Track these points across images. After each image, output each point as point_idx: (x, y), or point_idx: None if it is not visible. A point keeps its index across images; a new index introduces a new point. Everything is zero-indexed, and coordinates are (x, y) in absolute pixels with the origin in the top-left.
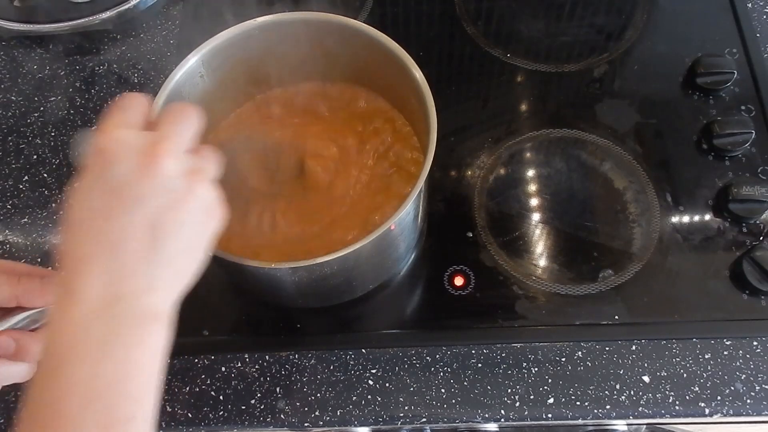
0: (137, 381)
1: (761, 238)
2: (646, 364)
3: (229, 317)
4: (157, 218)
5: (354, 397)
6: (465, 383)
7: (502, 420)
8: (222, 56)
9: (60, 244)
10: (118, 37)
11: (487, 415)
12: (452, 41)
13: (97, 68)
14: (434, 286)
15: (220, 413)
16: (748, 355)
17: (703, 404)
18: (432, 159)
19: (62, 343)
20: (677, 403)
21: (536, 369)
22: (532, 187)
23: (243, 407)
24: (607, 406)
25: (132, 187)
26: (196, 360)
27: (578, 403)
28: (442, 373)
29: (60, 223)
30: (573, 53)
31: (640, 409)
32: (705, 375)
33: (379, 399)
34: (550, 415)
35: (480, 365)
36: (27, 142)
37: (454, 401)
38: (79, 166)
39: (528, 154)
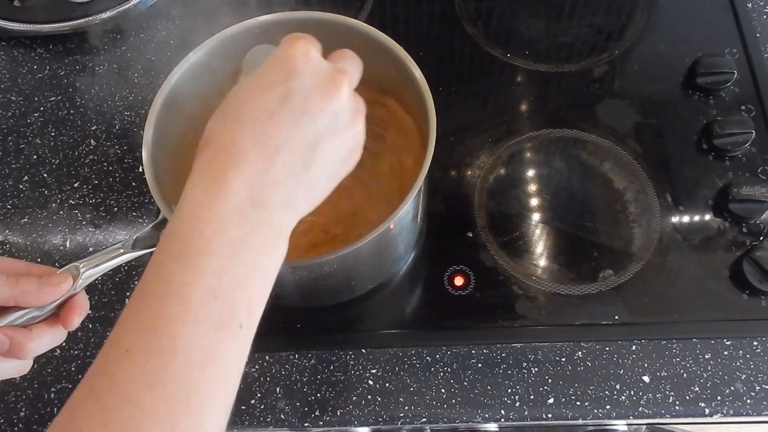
0: (256, 290)
1: (761, 238)
2: (646, 364)
3: None
4: (319, 139)
5: (354, 397)
6: (465, 383)
7: (502, 420)
8: (222, 56)
9: (212, 129)
10: (118, 37)
11: (487, 415)
12: (452, 41)
13: (97, 68)
14: (434, 286)
15: None
16: (748, 355)
17: (703, 404)
18: (431, 158)
19: (199, 232)
20: (677, 403)
21: (536, 369)
22: (532, 187)
23: (243, 407)
24: (607, 406)
25: (307, 102)
26: None
27: (578, 403)
28: (442, 373)
29: (218, 110)
30: (573, 53)
31: (640, 409)
32: (705, 375)
33: (379, 399)
34: (550, 415)
35: (480, 365)
36: (27, 142)
37: (454, 401)
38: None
39: (528, 154)
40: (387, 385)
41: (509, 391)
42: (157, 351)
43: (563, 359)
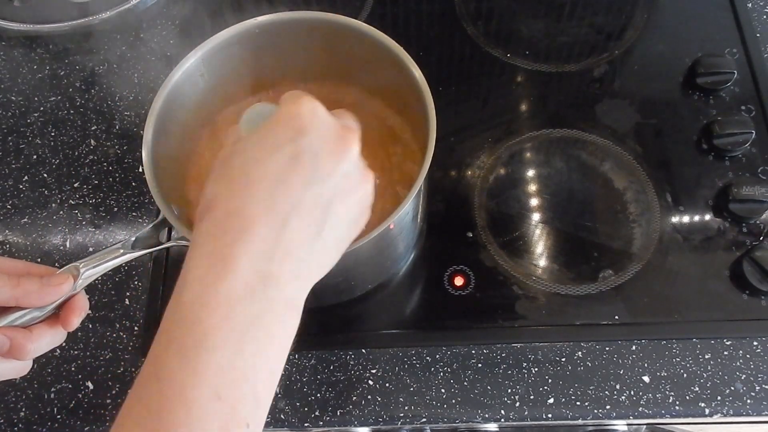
0: (264, 380)
1: (761, 238)
2: (646, 364)
3: None
4: (331, 200)
5: (354, 397)
6: (465, 383)
7: (502, 420)
8: (222, 56)
9: (216, 192)
10: (118, 37)
11: (487, 415)
12: (452, 41)
13: (97, 68)
14: (434, 286)
15: None
16: (748, 355)
17: (703, 404)
18: (431, 159)
19: (205, 318)
20: (677, 403)
21: (536, 369)
22: (532, 187)
23: None
24: (607, 406)
25: (318, 161)
26: None
27: (578, 403)
28: (442, 373)
29: (217, 169)
30: (573, 53)
31: (640, 409)
32: (705, 375)
33: (379, 399)
34: (550, 415)
35: (480, 365)
36: (27, 142)
37: (454, 401)
38: (250, 132)
39: (528, 154)
40: (387, 385)
41: (509, 391)
42: None
43: (563, 359)
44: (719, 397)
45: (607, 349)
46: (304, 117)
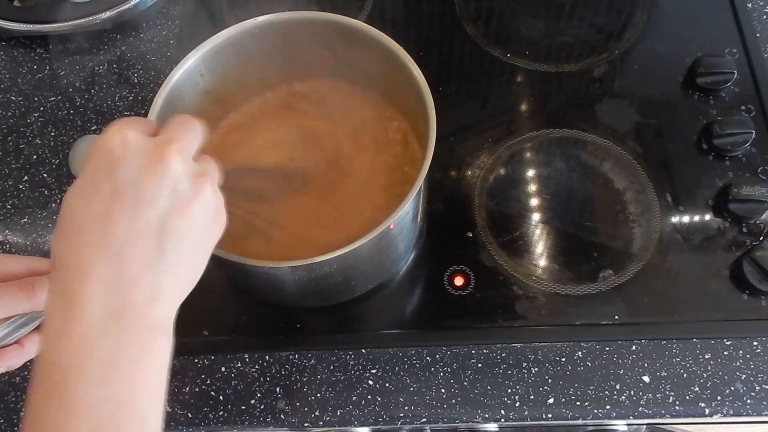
0: (145, 399)
1: (761, 238)
2: (646, 364)
3: (229, 317)
4: (164, 222)
5: (354, 397)
6: (465, 383)
7: (502, 420)
8: (222, 56)
9: (56, 249)
10: (118, 37)
11: (487, 415)
12: (452, 41)
13: (97, 68)
14: (434, 286)
15: (220, 413)
16: (748, 355)
17: (703, 404)
18: (431, 158)
19: (63, 363)
20: (677, 403)
21: (536, 369)
22: (532, 187)
23: (243, 407)
24: (607, 406)
25: (138, 189)
26: (196, 360)
27: (578, 403)
28: (442, 373)
29: (56, 226)
30: (573, 53)
31: (640, 409)
32: (705, 375)
33: (379, 399)
34: (550, 415)
35: (480, 365)
36: (27, 142)
37: (454, 401)
38: (78, 172)
39: (528, 154)
40: (387, 385)
41: (509, 391)
42: None
43: (563, 359)
44: (719, 397)
45: (607, 349)
46: (115, 149)
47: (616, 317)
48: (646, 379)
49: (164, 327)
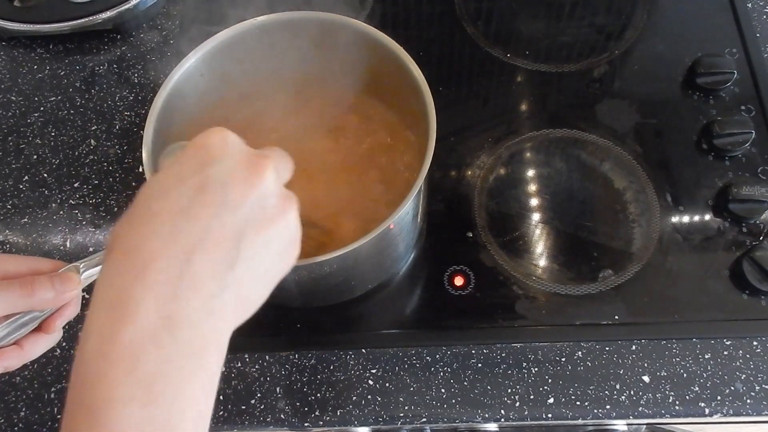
0: (190, 420)
1: (761, 238)
2: (646, 364)
3: None
4: (242, 232)
5: (354, 397)
6: (465, 383)
7: (502, 420)
8: (222, 56)
9: (119, 232)
10: (118, 37)
11: (487, 415)
12: (452, 41)
13: (97, 68)
14: (434, 286)
15: (220, 413)
16: (748, 355)
17: (703, 404)
18: (431, 159)
19: (108, 373)
20: (677, 403)
21: (536, 369)
22: (532, 187)
23: (243, 407)
24: (607, 406)
25: (226, 190)
26: None
27: (578, 403)
28: (442, 373)
29: (128, 210)
30: (573, 53)
31: (640, 409)
32: (705, 375)
33: (379, 399)
34: (550, 415)
35: (480, 365)
36: (27, 142)
37: (454, 401)
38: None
39: (528, 154)
40: (387, 385)
41: (509, 391)
42: None
43: (563, 359)
44: (719, 397)
45: (607, 349)
46: (213, 147)
47: (616, 317)
48: (646, 379)
49: (219, 343)
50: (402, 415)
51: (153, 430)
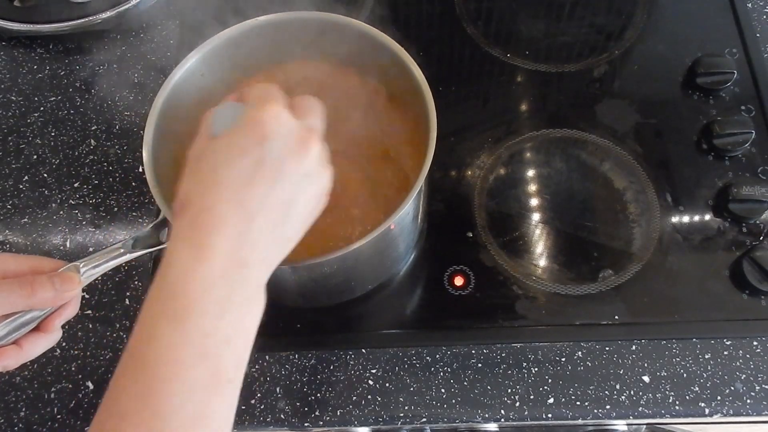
0: (242, 346)
1: (761, 238)
2: (646, 364)
3: None
4: (293, 197)
5: (354, 397)
6: (465, 383)
7: (502, 420)
8: (222, 56)
9: (191, 193)
10: (118, 37)
11: (487, 415)
12: (452, 41)
13: (97, 68)
14: (434, 286)
15: None
16: (748, 355)
17: (703, 404)
18: (432, 159)
19: (186, 294)
20: (677, 403)
21: (536, 369)
22: (532, 187)
23: (243, 407)
24: (607, 406)
25: (284, 165)
26: None
27: (578, 403)
28: (442, 373)
29: (189, 171)
30: (573, 53)
31: (640, 409)
32: (705, 375)
33: (379, 399)
34: (550, 415)
35: (480, 365)
36: (27, 142)
37: (454, 401)
38: (220, 132)
39: (528, 154)
40: (387, 385)
41: (509, 391)
42: (153, 415)
43: (563, 359)
44: (719, 397)
45: (607, 349)
46: (268, 123)
47: (616, 317)
48: (646, 379)
49: (263, 287)
50: (402, 415)
51: (216, 340)
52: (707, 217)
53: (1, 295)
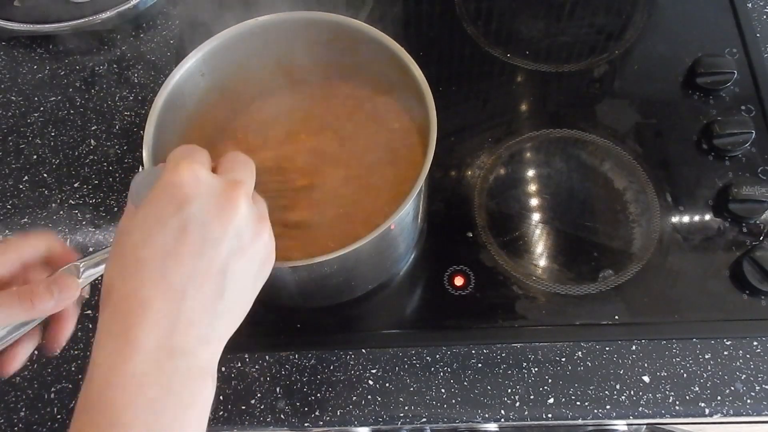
0: None
1: (761, 238)
2: (646, 364)
3: None
4: (226, 264)
5: (354, 397)
6: (465, 383)
7: (502, 420)
8: (222, 56)
9: (113, 279)
10: (118, 37)
11: (487, 415)
12: (452, 41)
13: (97, 68)
14: (434, 286)
15: (220, 413)
16: (748, 355)
17: (703, 404)
18: (432, 159)
19: (115, 399)
20: (677, 403)
21: (536, 369)
22: (532, 187)
23: (243, 407)
24: (607, 406)
25: (206, 229)
26: None
27: (578, 403)
28: (442, 373)
29: (112, 255)
30: (573, 53)
31: (640, 409)
32: (705, 375)
33: (379, 399)
34: (550, 415)
35: (480, 365)
36: (27, 142)
37: (454, 401)
38: (138, 203)
39: (528, 154)
40: (387, 385)
41: (509, 391)
42: None
43: (563, 359)
44: (719, 397)
45: (607, 349)
46: (186, 185)
47: (616, 317)
48: (646, 379)
49: (212, 369)
50: (402, 415)
51: None
52: (707, 217)
53: (1, 309)
